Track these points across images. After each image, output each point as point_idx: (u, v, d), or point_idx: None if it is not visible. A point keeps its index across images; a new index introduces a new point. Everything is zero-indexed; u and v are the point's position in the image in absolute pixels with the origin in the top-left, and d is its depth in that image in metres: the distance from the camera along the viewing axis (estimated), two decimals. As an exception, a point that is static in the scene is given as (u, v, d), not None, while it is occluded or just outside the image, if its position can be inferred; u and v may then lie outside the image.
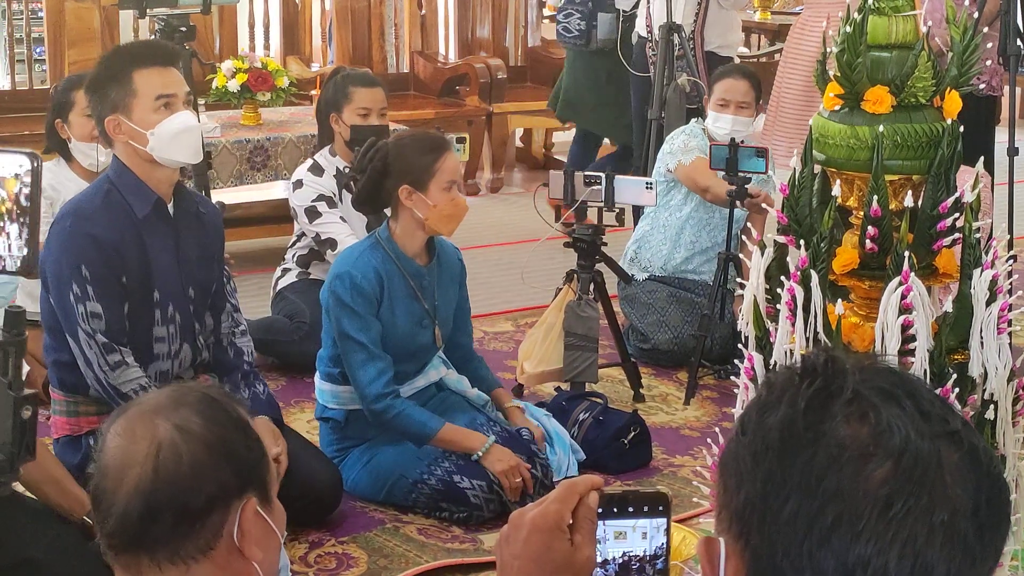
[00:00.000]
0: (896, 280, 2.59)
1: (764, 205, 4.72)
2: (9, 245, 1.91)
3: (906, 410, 1.13)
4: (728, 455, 1.18)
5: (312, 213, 4.92)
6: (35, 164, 1.90)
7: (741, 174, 4.73)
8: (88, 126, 4.46)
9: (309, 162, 5.10)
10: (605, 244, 4.66)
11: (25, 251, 1.91)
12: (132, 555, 1.63)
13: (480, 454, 3.83)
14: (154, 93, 3.42)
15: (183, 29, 5.71)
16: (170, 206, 3.55)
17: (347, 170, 4.96)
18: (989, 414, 2.66)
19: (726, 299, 4.93)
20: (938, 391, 2.55)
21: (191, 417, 1.64)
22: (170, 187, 3.53)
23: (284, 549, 1.73)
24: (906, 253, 2.60)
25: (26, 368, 1.99)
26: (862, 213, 2.70)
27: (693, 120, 5.38)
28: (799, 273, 2.67)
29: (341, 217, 4.90)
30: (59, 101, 4.59)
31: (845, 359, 1.17)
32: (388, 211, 3.95)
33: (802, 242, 2.72)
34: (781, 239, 2.78)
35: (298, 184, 4.99)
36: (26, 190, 1.90)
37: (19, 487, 3.00)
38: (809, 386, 1.15)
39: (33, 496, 3.21)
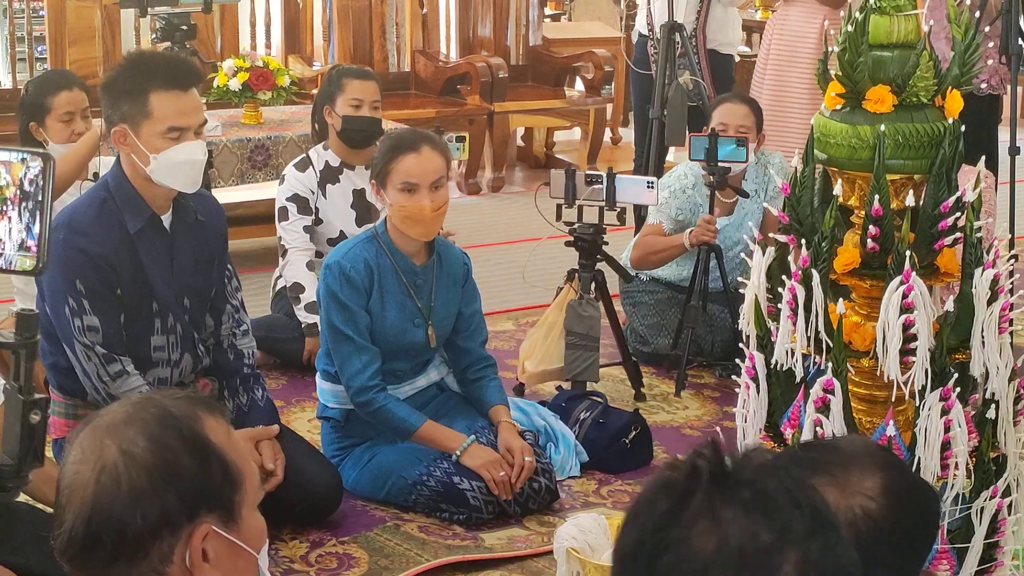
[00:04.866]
0: (897, 279, 2.59)
1: (766, 205, 4.71)
2: (10, 230, 1.91)
3: (752, 514, 1.21)
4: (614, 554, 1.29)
5: (281, 213, 4.96)
6: (48, 164, 1.89)
7: (721, 164, 4.74)
8: (66, 132, 4.44)
9: (301, 156, 5.12)
10: (606, 243, 4.65)
11: (24, 237, 1.90)
12: (83, 573, 1.61)
13: (459, 453, 3.83)
14: (167, 123, 3.36)
15: (184, 28, 5.71)
16: (168, 216, 3.53)
17: (339, 165, 4.99)
18: (990, 414, 2.66)
19: (709, 282, 4.90)
20: (939, 390, 2.56)
21: (138, 439, 1.60)
22: (167, 201, 3.51)
23: (266, 559, 1.68)
24: (907, 252, 2.60)
25: None
26: (863, 212, 2.70)
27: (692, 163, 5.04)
28: (800, 272, 2.67)
29: (305, 226, 4.92)
30: (31, 104, 4.51)
31: (704, 467, 1.25)
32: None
33: (803, 241, 2.72)
34: (782, 238, 2.78)
35: (281, 179, 5.05)
36: (31, 175, 1.89)
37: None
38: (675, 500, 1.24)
39: (31, 497, 3.20)
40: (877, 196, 2.64)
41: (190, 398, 1.68)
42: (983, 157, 2.97)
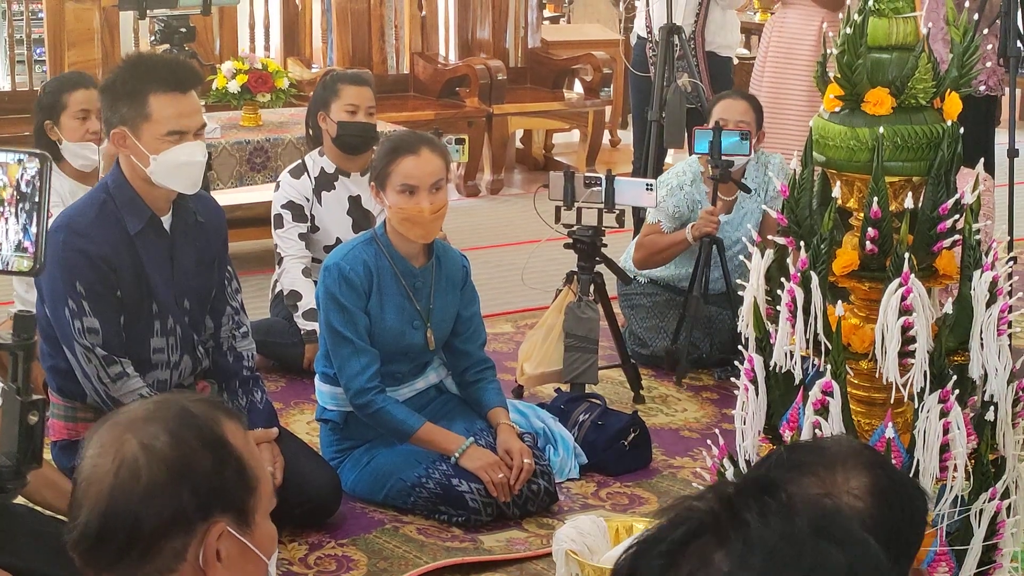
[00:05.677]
0: (896, 281, 2.59)
1: (765, 207, 4.71)
2: (7, 231, 1.91)
3: None
4: None
5: (277, 220, 4.95)
6: (45, 165, 1.90)
7: (724, 157, 4.76)
8: (81, 130, 4.47)
9: (297, 162, 5.11)
10: (605, 245, 4.65)
11: (21, 238, 1.90)
12: (94, 569, 1.61)
13: (457, 455, 3.83)
14: (167, 125, 3.36)
15: (183, 30, 5.71)
16: (168, 217, 3.53)
17: (334, 171, 4.99)
18: (989, 416, 2.66)
19: (710, 282, 4.92)
20: (938, 392, 2.56)
21: (159, 435, 1.60)
22: (167, 203, 3.51)
23: (275, 567, 1.68)
24: (906, 255, 2.60)
25: None
26: (862, 214, 2.70)
27: (693, 158, 5.07)
28: (799, 274, 2.67)
29: (301, 233, 4.92)
30: (48, 103, 4.55)
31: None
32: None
33: (802, 243, 2.72)
34: (781, 240, 2.78)
35: (277, 185, 5.04)
36: (27, 176, 1.90)
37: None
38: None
39: (29, 500, 3.20)
40: (876, 198, 2.64)
41: (210, 401, 1.70)
42: (982, 159, 2.97)
